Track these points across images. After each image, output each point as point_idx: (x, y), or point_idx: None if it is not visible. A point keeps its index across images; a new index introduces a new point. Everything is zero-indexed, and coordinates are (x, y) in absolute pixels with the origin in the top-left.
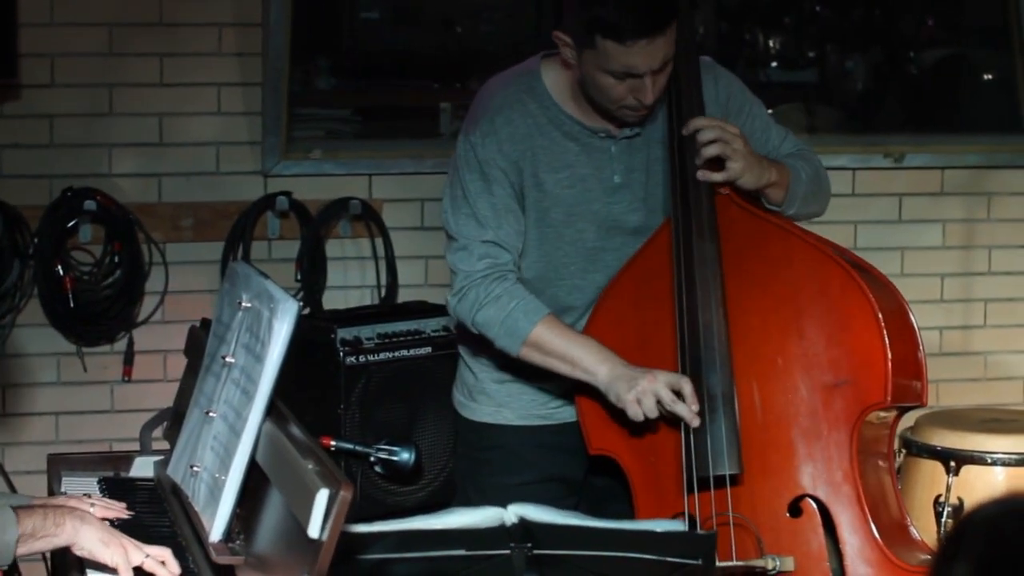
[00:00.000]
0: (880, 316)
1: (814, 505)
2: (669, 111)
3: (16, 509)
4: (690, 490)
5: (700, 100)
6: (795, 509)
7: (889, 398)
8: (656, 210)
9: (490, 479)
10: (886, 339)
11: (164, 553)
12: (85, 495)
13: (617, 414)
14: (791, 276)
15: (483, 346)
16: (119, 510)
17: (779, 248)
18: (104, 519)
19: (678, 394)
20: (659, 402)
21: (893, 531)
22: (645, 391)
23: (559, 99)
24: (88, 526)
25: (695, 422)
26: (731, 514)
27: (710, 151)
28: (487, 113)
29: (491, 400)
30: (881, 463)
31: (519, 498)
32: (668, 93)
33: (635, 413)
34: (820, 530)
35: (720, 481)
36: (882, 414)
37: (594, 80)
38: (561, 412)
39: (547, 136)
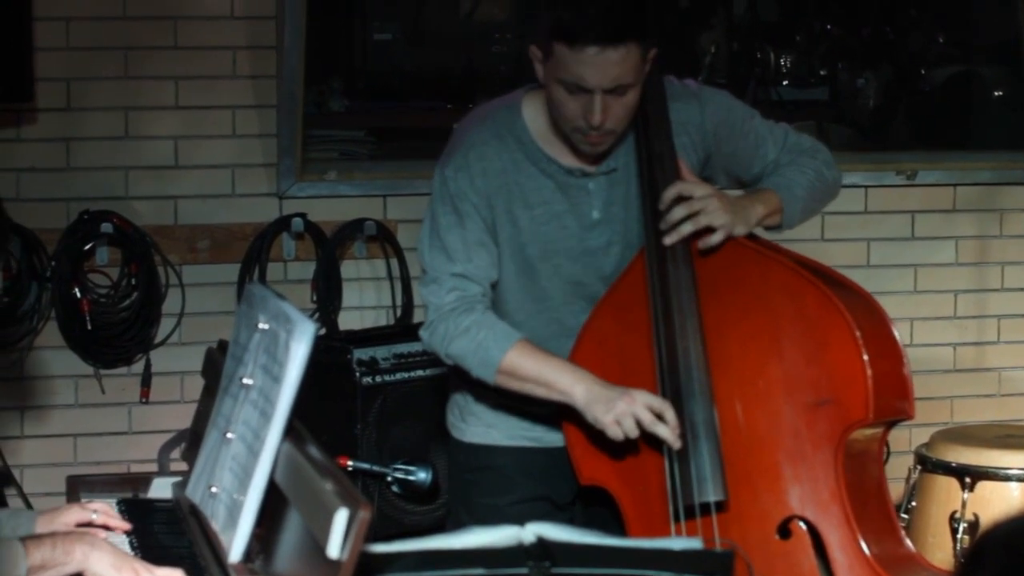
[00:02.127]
0: (858, 334)
1: (803, 526)
2: (637, 143)
3: (25, 540)
4: (677, 519)
5: (674, 159)
6: (784, 531)
7: (872, 415)
8: (635, 243)
9: (480, 500)
10: (864, 356)
11: (175, 574)
12: (87, 501)
13: (604, 442)
14: (767, 298)
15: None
16: (119, 520)
17: (754, 271)
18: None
19: (659, 417)
20: (639, 423)
21: (886, 548)
22: (624, 413)
23: (537, 135)
24: (98, 551)
25: (677, 444)
26: (718, 540)
27: (686, 229)
28: (461, 147)
29: (480, 421)
30: (871, 479)
31: (509, 518)
32: (636, 125)
33: (615, 434)
34: (811, 551)
35: (707, 508)
36: (867, 431)
37: (551, 94)
38: (550, 436)
39: (523, 172)
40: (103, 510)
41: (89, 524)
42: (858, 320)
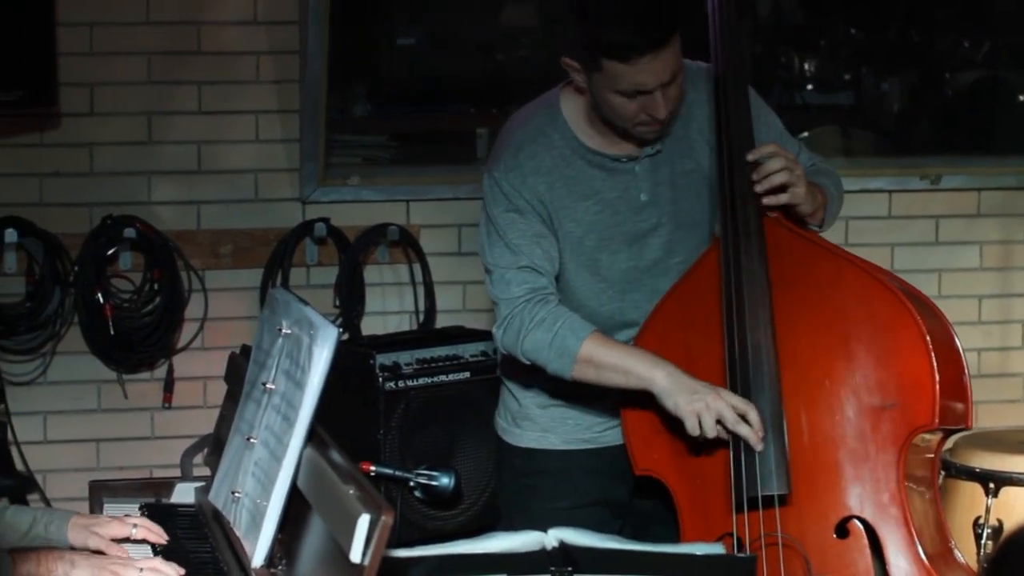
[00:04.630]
0: (928, 340)
1: (861, 526)
2: (718, 133)
3: (12, 554)
4: (739, 510)
5: (749, 124)
6: (842, 530)
7: (937, 420)
8: (684, 223)
9: (537, 504)
10: (934, 362)
11: (155, 563)
12: (126, 515)
13: (663, 434)
14: (840, 298)
15: (528, 373)
16: (159, 534)
17: (828, 270)
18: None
19: (742, 417)
20: (719, 422)
21: (939, 553)
22: (708, 407)
23: (577, 129)
24: (77, 569)
25: (759, 446)
26: (780, 535)
27: (778, 179)
28: (509, 149)
29: (536, 425)
30: (926, 485)
31: (566, 523)
32: (717, 117)
33: (692, 426)
34: (867, 551)
35: (768, 501)
36: (928, 436)
37: (606, 101)
38: (606, 436)
39: (572, 167)
40: (143, 524)
41: (127, 540)
42: (928, 326)
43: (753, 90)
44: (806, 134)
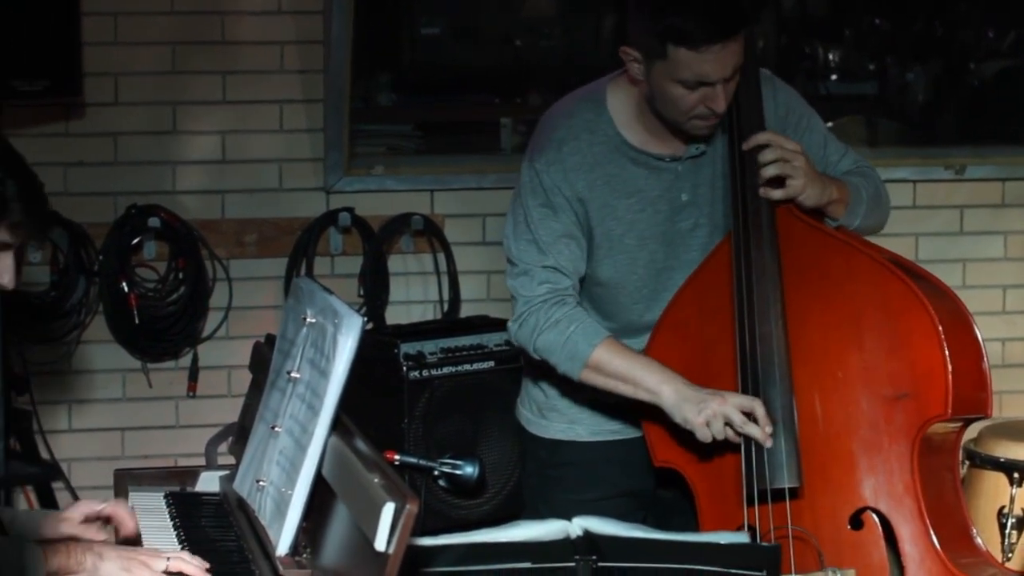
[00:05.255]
0: (940, 329)
1: (875, 518)
2: (729, 123)
3: (44, 546)
4: (750, 503)
5: (760, 114)
6: (856, 522)
7: (950, 410)
8: (722, 225)
9: (563, 496)
10: (946, 352)
11: (182, 555)
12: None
13: (681, 428)
14: (851, 289)
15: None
16: (198, 567)
17: (839, 261)
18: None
19: (748, 415)
20: (728, 424)
21: (957, 544)
22: (715, 414)
23: (623, 126)
24: (107, 561)
25: (768, 443)
26: (790, 527)
27: (769, 171)
28: (553, 141)
29: (563, 416)
30: (945, 475)
31: (592, 513)
32: (729, 106)
33: (704, 436)
34: (881, 543)
35: (780, 494)
36: (945, 426)
37: (664, 92)
38: (633, 427)
39: (614, 164)
40: (113, 503)
41: (97, 517)
42: (940, 315)
43: (798, 95)
44: (830, 124)
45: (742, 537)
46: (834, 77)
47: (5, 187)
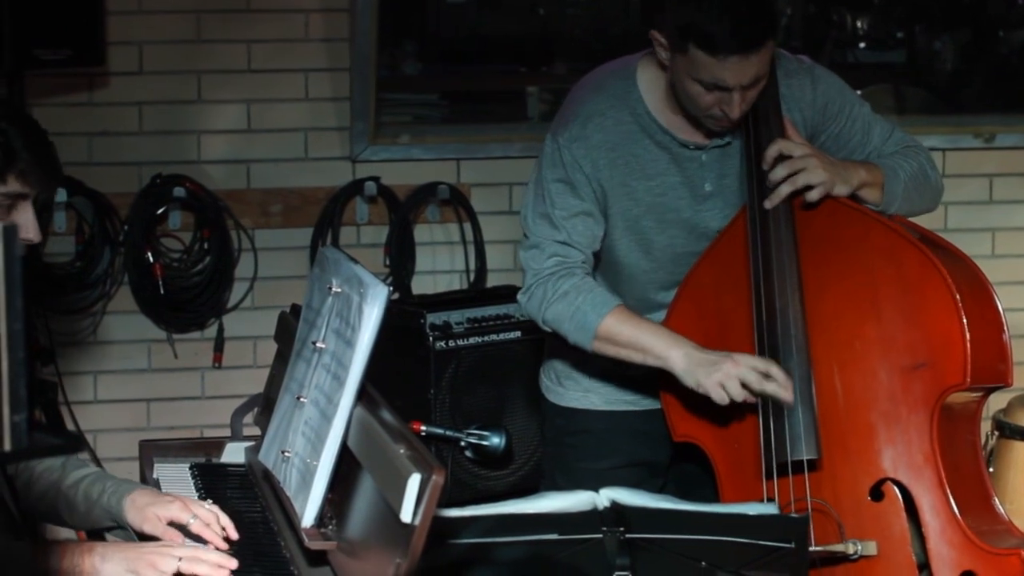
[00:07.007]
0: (958, 297)
1: (896, 489)
2: (746, 122)
3: (37, 547)
4: (769, 476)
5: (775, 85)
6: (877, 493)
7: (968, 379)
8: None
9: (577, 464)
10: (964, 320)
11: (197, 553)
12: (191, 500)
13: (699, 402)
14: (867, 259)
15: None
16: (215, 532)
17: (855, 232)
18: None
19: (765, 376)
20: (745, 386)
21: (978, 513)
22: (729, 375)
23: (652, 107)
24: (110, 563)
25: (790, 398)
26: (810, 499)
27: (784, 190)
28: (578, 117)
29: (578, 385)
30: (965, 445)
31: (606, 482)
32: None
33: (720, 397)
34: (903, 514)
35: (799, 466)
36: (964, 395)
37: (683, 85)
38: (648, 398)
39: (639, 144)
40: (204, 518)
41: (183, 528)
42: (958, 284)
43: (839, 82)
44: (859, 92)
45: (771, 508)
46: (862, 45)
47: (8, 136)
